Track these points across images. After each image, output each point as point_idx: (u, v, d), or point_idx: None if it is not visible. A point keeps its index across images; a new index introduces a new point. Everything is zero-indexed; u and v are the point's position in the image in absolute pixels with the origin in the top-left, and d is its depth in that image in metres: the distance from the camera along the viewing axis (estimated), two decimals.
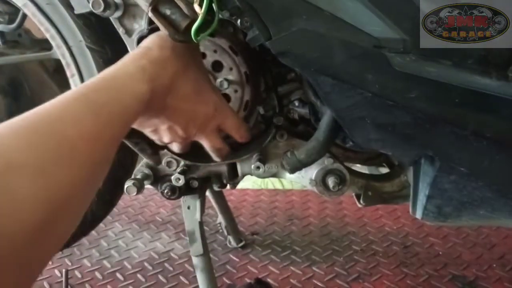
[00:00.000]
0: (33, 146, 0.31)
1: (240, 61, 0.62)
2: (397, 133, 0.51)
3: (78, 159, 0.34)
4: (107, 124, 0.38)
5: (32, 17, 0.69)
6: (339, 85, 0.48)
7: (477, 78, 0.45)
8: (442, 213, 0.56)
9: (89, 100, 0.38)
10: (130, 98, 0.42)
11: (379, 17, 0.45)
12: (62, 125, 0.34)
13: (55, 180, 0.31)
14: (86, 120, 0.36)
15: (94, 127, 0.36)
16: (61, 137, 0.33)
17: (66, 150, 0.33)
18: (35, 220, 0.28)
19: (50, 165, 0.31)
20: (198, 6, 0.48)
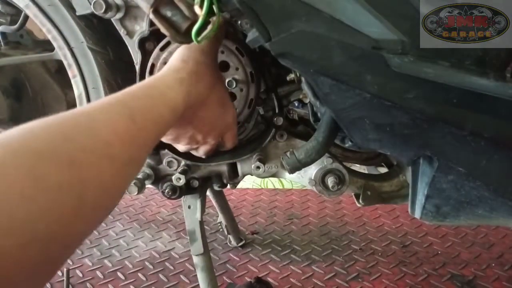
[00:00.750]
0: (67, 138, 0.31)
1: (246, 62, 0.62)
2: (395, 133, 0.51)
3: (111, 156, 0.33)
4: (141, 129, 0.38)
5: (34, 18, 0.69)
6: (338, 86, 0.49)
7: (475, 79, 0.45)
8: (441, 213, 0.56)
9: (126, 105, 0.38)
10: (165, 108, 0.43)
11: (378, 18, 0.45)
12: (97, 123, 0.34)
13: (87, 172, 0.30)
14: (122, 122, 0.36)
15: (129, 130, 0.36)
16: (96, 133, 0.33)
17: (100, 145, 0.33)
18: (66, 207, 0.28)
19: (83, 157, 0.31)
20: (199, 8, 0.48)
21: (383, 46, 0.45)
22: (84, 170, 0.30)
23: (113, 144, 0.34)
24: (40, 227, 0.26)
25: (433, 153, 0.52)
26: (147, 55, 0.63)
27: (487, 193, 0.53)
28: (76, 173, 0.29)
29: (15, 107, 0.83)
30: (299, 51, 0.48)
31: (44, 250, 0.26)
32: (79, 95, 0.73)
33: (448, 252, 1.11)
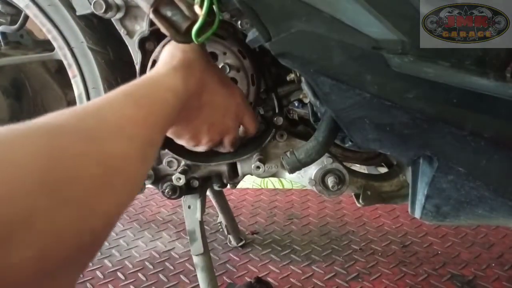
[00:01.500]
0: (81, 119, 0.32)
1: (230, 43, 0.62)
2: (395, 133, 0.52)
3: (126, 134, 0.34)
4: (149, 113, 0.39)
5: (34, 18, 0.69)
6: (338, 86, 0.49)
7: (475, 79, 0.45)
8: (441, 213, 0.56)
9: (128, 94, 0.39)
10: (167, 92, 0.44)
11: (378, 18, 0.45)
12: (107, 110, 0.35)
13: (107, 147, 0.31)
14: (129, 108, 0.37)
15: (137, 114, 0.37)
16: (107, 117, 0.34)
17: (112, 126, 0.33)
18: (88, 176, 0.28)
19: (101, 134, 0.31)
20: (199, 8, 0.49)
21: (383, 46, 0.45)
22: (106, 145, 0.31)
23: (125, 127, 0.34)
24: (67, 194, 0.25)
25: (433, 153, 0.52)
26: (147, 55, 0.63)
27: (487, 193, 0.53)
28: (98, 146, 0.30)
29: (15, 107, 0.83)
30: (299, 51, 0.48)
31: (72, 213, 0.25)
32: (79, 95, 0.73)
33: (448, 252, 1.11)
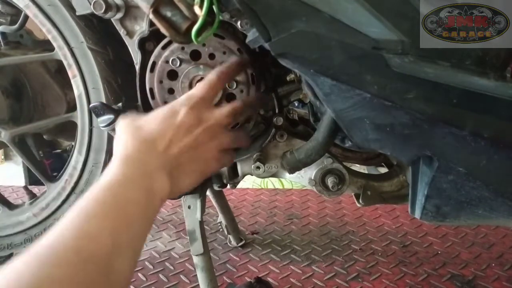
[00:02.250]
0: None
1: (228, 42, 0.62)
2: (395, 134, 0.52)
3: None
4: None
5: (34, 19, 0.70)
6: (338, 86, 0.49)
7: (475, 79, 0.45)
8: (441, 213, 0.56)
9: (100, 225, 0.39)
10: (141, 196, 0.43)
11: (378, 18, 0.45)
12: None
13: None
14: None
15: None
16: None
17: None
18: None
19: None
20: (199, 8, 0.49)
21: (383, 46, 0.45)
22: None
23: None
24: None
25: (433, 153, 0.52)
26: (147, 55, 0.63)
27: (487, 193, 0.53)
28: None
29: (15, 107, 0.83)
30: (299, 51, 0.48)
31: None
32: (79, 95, 0.73)
33: (448, 252, 1.11)
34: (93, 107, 0.60)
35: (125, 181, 0.43)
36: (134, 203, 0.42)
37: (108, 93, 0.71)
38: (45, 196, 0.84)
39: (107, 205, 0.40)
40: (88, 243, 0.36)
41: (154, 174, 0.45)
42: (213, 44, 0.61)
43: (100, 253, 0.36)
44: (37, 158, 0.88)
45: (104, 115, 0.60)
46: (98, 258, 0.35)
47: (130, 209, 0.41)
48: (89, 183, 0.79)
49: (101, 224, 0.38)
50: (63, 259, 0.34)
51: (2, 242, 0.87)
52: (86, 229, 0.37)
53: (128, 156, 0.45)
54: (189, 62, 0.61)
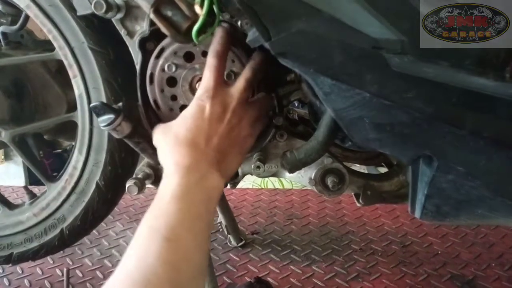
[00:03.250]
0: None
1: (241, 53, 0.62)
2: (395, 133, 0.52)
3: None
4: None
5: (35, 19, 0.70)
6: (338, 86, 0.49)
7: (475, 79, 0.45)
8: (441, 212, 0.56)
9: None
10: (201, 190, 0.49)
11: (377, 18, 0.45)
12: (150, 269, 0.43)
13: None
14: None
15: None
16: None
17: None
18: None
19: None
20: (199, 8, 0.49)
21: (383, 46, 0.46)
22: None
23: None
24: None
25: (433, 152, 0.52)
26: (147, 55, 0.63)
27: (487, 193, 0.53)
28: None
29: (16, 107, 0.83)
30: (299, 51, 0.48)
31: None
32: (79, 95, 0.73)
33: (448, 252, 1.11)
34: (94, 107, 0.60)
35: (187, 193, 0.48)
36: (202, 213, 0.47)
37: (108, 93, 0.71)
38: (45, 196, 0.84)
39: (182, 222, 0.45)
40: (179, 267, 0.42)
41: (208, 175, 0.50)
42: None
43: (192, 272, 0.43)
44: (37, 158, 0.88)
45: (104, 115, 0.60)
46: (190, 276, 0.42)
47: (201, 222, 0.47)
48: (89, 183, 0.80)
49: (188, 244, 0.43)
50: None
51: (2, 242, 0.87)
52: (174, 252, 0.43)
53: (179, 166, 0.49)
54: (184, 65, 0.62)
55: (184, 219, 0.45)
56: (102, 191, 0.79)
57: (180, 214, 0.45)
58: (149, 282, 0.38)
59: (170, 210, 0.45)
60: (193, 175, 0.49)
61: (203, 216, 0.47)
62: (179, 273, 0.40)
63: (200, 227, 0.46)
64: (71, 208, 0.82)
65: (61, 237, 0.84)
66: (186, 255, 0.43)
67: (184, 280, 0.41)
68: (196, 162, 0.50)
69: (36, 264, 1.12)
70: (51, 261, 1.14)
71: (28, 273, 1.09)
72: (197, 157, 0.50)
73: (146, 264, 0.40)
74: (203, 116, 0.52)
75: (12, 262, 0.89)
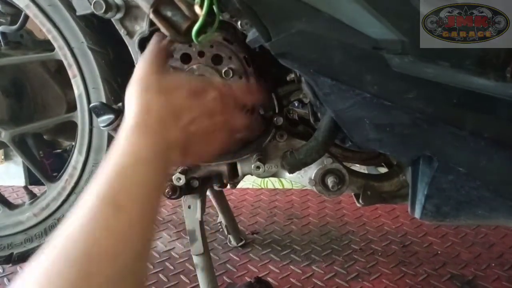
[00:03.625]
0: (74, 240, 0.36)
1: (237, 48, 0.62)
2: (395, 134, 0.52)
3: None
4: (132, 211, 0.40)
5: (34, 19, 0.70)
6: (338, 86, 0.49)
7: (475, 79, 0.45)
8: (441, 213, 0.56)
9: (108, 197, 0.41)
10: (145, 168, 0.42)
11: (378, 18, 0.45)
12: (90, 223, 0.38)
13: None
14: (112, 218, 0.39)
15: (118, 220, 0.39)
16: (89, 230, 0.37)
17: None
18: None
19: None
20: (199, 8, 0.49)
21: (383, 46, 0.45)
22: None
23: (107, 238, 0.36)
24: None
25: (433, 153, 0.52)
26: None
27: (487, 193, 0.53)
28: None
29: (15, 107, 0.83)
30: (299, 51, 0.48)
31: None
32: (79, 95, 0.73)
33: (448, 252, 1.11)
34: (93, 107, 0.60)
35: (142, 160, 0.42)
36: (150, 182, 0.42)
37: (108, 93, 0.71)
38: (45, 196, 0.83)
39: (128, 190, 0.41)
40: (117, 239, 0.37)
41: (170, 151, 0.45)
42: (220, 47, 0.61)
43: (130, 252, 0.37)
44: (37, 158, 0.88)
45: (104, 115, 0.60)
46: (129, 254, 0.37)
47: (145, 189, 0.41)
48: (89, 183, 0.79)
49: (129, 217, 0.39)
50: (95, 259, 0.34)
51: (2, 242, 0.87)
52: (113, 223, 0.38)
53: (148, 125, 0.43)
54: (182, 67, 0.62)
55: (143, 187, 0.40)
56: None
57: (141, 182, 0.41)
58: (91, 256, 0.34)
59: (131, 176, 0.41)
60: (158, 145, 0.44)
61: (161, 188, 0.44)
62: (125, 245, 0.36)
63: (156, 198, 0.42)
64: (71, 208, 0.82)
65: None
66: (137, 228, 0.38)
67: (130, 254, 0.36)
68: (167, 135, 0.45)
69: None
70: None
71: None
72: (172, 130, 0.46)
73: (91, 236, 0.36)
74: (203, 102, 0.49)
75: (12, 262, 0.89)
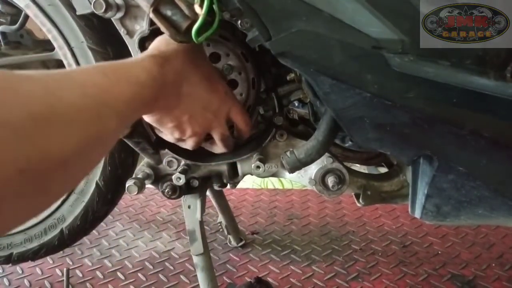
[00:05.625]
0: (48, 73, 0.35)
1: (234, 45, 0.62)
2: (395, 133, 0.52)
3: (85, 94, 0.35)
4: (114, 84, 0.39)
5: (34, 18, 0.69)
6: (338, 85, 0.49)
7: (475, 78, 0.45)
8: (441, 213, 0.56)
9: (102, 66, 0.41)
10: (140, 70, 0.45)
11: (378, 18, 0.45)
12: (75, 72, 0.38)
13: (59, 93, 0.33)
14: (96, 75, 0.38)
15: (100, 79, 0.38)
16: (72, 75, 0.36)
17: (73, 81, 0.35)
18: (31, 114, 0.29)
19: (59, 84, 0.34)
20: (199, 7, 0.49)
21: (383, 46, 0.45)
22: (58, 92, 0.32)
23: (87, 86, 0.36)
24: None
25: (433, 152, 0.52)
26: None
27: (487, 193, 0.53)
28: (50, 90, 0.32)
29: None
30: (299, 51, 0.48)
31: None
32: None
33: (448, 252, 1.11)
34: None
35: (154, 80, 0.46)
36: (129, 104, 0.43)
37: None
38: None
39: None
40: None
41: (161, 88, 0.48)
42: (217, 45, 0.61)
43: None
44: None
45: None
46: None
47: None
48: (89, 183, 0.79)
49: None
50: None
51: (2, 242, 0.87)
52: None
53: (156, 78, 0.47)
54: None
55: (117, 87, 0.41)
56: (102, 191, 0.79)
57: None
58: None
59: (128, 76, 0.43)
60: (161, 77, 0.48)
61: (126, 109, 0.42)
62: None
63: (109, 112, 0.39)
64: (71, 208, 0.82)
65: (61, 237, 0.84)
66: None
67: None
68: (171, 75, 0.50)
69: (36, 264, 1.12)
70: (51, 261, 1.14)
71: (28, 273, 1.09)
72: (171, 96, 0.51)
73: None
74: (210, 106, 0.56)
75: (12, 262, 0.89)
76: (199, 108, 0.55)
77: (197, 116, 0.55)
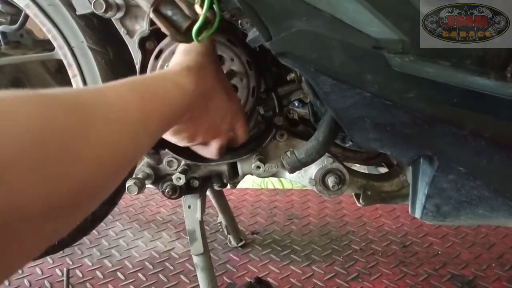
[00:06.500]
0: (76, 102, 0.31)
1: (240, 51, 0.62)
2: (396, 133, 0.51)
3: (120, 119, 0.33)
4: (149, 101, 0.38)
5: (34, 18, 0.69)
6: (338, 85, 0.49)
7: (476, 79, 0.45)
8: (441, 213, 0.56)
9: (134, 81, 0.39)
10: (175, 87, 0.44)
11: (378, 18, 0.45)
12: (107, 93, 0.34)
13: (97, 123, 0.30)
14: (131, 96, 0.36)
15: (138, 103, 0.36)
16: (105, 100, 0.33)
17: (109, 108, 0.33)
18: (71, 148, 0.27)
19: (93, 109, 0.31)
20: (199, 7, 0.49)
21: (384, 46, 0.45)
22: (95, 121, 0.30)
23: (119, 108, 0.34)
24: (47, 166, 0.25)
25: (433, 152, 0.52)
26: (147, 55, 0.63)
27: (488, 193, 0.53)
28: (84, 119, 0.29)
29: None
30: (300, 51, 0.48)
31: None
32: None
33: (448, 252, 1.11)
34: None
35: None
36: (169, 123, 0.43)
37: None
38: None
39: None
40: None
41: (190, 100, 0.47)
42: (223, 48, 0.61)
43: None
44: None
45: None
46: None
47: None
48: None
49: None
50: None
51: None
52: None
53: (191, 96, 0.47)
54: None
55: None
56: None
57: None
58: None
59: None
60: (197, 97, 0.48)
61: (167, 125, 0.43)
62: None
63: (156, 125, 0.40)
64: None
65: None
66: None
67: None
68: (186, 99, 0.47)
69: (36, 264, 1.12)
70: (51, 261, 1.14)
71: (28, 273, 1.09)
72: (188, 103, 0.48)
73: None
74: (219, 123, 0.56)
75: None
76: (219, 119, 0.55)
77: (214, 127, 0.55)
